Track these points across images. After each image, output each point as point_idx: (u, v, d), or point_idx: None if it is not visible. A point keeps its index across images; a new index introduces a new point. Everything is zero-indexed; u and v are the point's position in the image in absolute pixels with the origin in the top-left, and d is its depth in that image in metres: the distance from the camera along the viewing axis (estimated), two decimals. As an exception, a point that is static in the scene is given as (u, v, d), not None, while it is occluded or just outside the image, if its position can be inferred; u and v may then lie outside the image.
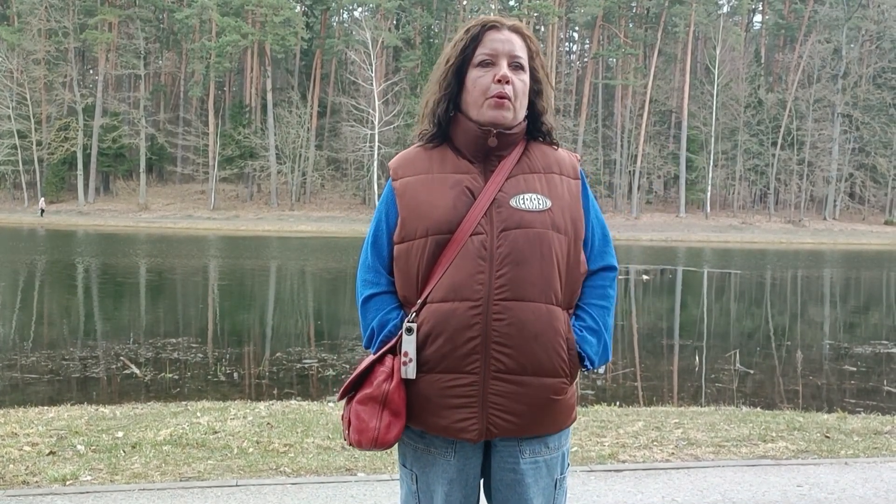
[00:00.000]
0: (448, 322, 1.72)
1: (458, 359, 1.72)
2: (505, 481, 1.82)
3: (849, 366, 9.68)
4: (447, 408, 1.74)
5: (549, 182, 1.83)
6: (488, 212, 1.76)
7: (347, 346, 10.14)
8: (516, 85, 1.79)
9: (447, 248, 1.75)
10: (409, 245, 1.79)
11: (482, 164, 1.81)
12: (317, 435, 4.79)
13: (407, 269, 1.80)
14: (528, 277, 1.73)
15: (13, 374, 8.05)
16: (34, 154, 59.01)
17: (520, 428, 1.76)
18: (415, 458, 1.85)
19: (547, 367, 1.75)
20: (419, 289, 1.78)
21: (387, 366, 1.77)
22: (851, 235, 54.98)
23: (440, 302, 1.74)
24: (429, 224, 1.77)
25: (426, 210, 1.78)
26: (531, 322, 1.73)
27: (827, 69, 62.34)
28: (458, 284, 1.73)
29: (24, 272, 19.55)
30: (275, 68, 65.77)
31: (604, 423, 5.27)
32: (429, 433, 1.80)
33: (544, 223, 1.76)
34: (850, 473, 4.18)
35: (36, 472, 3.89)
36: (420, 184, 1.81)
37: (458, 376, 1.73)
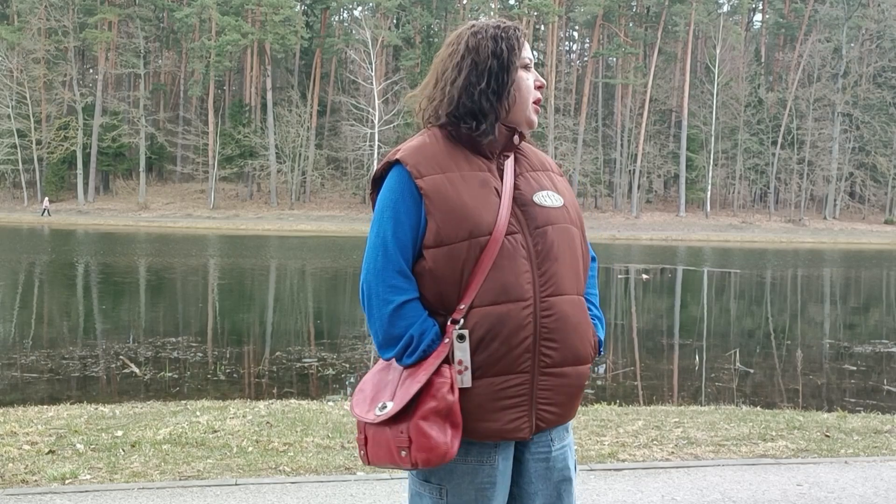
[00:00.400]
0: (503, 325, 1.71)
1: (511, 360, 1.72)
2: (536, 471, 1.84)
3: (849, 365, 9.69)
4: (498, 410, 1.73)
5: (551, 179, 1.90)
6: (513, 210, 1.78)
7: (347, 345, 10.14)
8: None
9: (487, 249, 1.72)
10: (448, 249, 1.72)
11: (494, 161, 1.83)
12: (316, 434, 4.79)
13: (446, 273, 1.73)
14: (563, 272, 1.79)
15: (13, 372, 8.05)
16: (34, 153, 59.01)
17: (560, 418, 1.82)
18: (446, 470, 1.77)
19: (583, 355, 1.82)
20: (460, 294, 1.73)
21: (446, 376, 1.68)
22: (851, 235, 54.98)
23: (490, 305, 1.71)
24: (471, 226, 1.72)
25: (464, 211, 1.72)
26: (571, 315, 1.79)
27: (827, 68, 62.33)
28: (508, 285, 1.72)
29: (24, 271, 19.55)
30: (275, 67, 65.76)
31: (603, 423, 5.26)
32: (476, 441, 1.75)
33: (565, 218, 1.84)
34: (850, 472, 4.18)
35: (35, 470, 3.89)
36: (450, 183, 1.75)
37: (509, 377, 1.73)
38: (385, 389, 1.75)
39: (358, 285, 1.87)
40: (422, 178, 1.74)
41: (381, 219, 1.77)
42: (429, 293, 1.75)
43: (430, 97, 1.85)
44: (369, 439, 1.74)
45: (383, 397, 1.73)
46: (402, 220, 1.74)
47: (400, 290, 1.74)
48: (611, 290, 18.79)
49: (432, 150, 1.79)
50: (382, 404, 1.72)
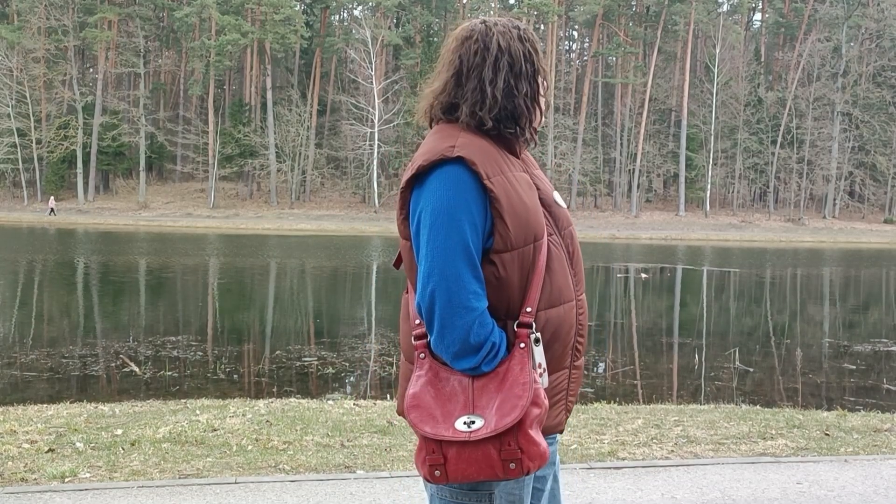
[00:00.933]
0: (562, 326, 1.77)
1: (562, 358, 1.80)
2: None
3: (848, 364, 9.69)
4: (550, 407, 1.78)
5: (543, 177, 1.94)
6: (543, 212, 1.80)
7: (347, 344, 10.14)
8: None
9: (540, 251, 1.73)
10: (518, 253, 1.69)
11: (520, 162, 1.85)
12: (316, 432, 4.79)
13: (515, 279, 1.70)
14: (582, 270, 1.88)
15: (13, 371, 8.05)
16: (34, 152, 58.97)
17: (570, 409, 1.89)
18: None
19: (586, 348, 1.90)
20: (524, 297, 1.71)
21: (538, 382, 1.66)
22: (851, 234, 54.97)
23: (549, 308, 1.74)
24: (535, 230, 1.71)
25: (527, 215, 1.70)
26: (586, 311, 1.88)
27: (827, 67, 62.31)
28: (563, 287, 1.78)
29: (24, 270, 19.55)
30: (275, 66, 65.72)
31: (603, 421, 5.27)
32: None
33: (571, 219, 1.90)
34: (849, 471, 4.18)
35: (35, 469, 3.89)
36: (512, 185, 1.71)
37: (559, 374, 1.80)
38: (454, 401, 1.66)
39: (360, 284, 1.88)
40: (489, 179, 1.67)
41: (452, 220, 1.64)
42: (495, 299, 1.70)
43: (454, 94, 1.75)
44: (452, 458, 1.61)
45: (458, 410, 1.64)
46: (478, 223, 1.66)
47: (481, 297, 1.66)
48: (610, 289, 18.79)
49: (484, 147, 1.71)
50: (469, 419, 1.62)
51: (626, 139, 63.30)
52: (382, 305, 14.43)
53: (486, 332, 1.65)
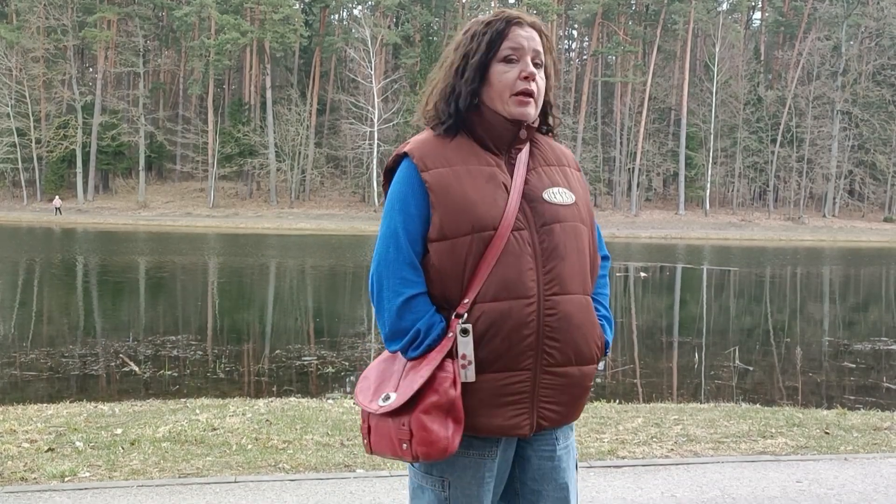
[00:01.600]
0: (505, 321, 1.71)
1: (513, 357, 1.72)
2: (543, 469, 1.84)
3: (848, 362, 9.69)
4: (501, 406, 1.73)
5: (565, 175, 1.87)
6: (522, 206, 1.76)
7: (346, 343, 10.14)
8: (539, 82, 1.80)
9: (491, 244, 1.72)
10: (451, 243, 1.72)
11: (504, 156, 1.82)
12: (315, 432, 4.79)
13: (449, 268, 1.73)
14: (569, 271, 1.77)
15: (12, 371, 8.04)
16: (33, 152, 59.01)
17: (564, 418, 1.81)
18: (449, 464, 1.77)
19: (587, 355, 1.80)
20: (465, 288, 1.73)
21: (448, 371, 1.69)
22: (851, 233, 54.99)
23: (492, 301, 1.71)
24: (473, 220, 1.71)
25: (467, 205, 1.72)
26: (574, 314, 1.77)
27: (826, 66, 62.32)
28: (511, 282, 1.71)
29: (24, 269, 19.55)
30: (274, 66, 65.72)
31: (603, 420, 5.27)
32: (478, 436, 1.76)
33: (574, 216, 1.81)
34: (849, 469, 4.18)
35: (34, 468, 3.89)
36: (455, 177, 1.75)
37: (511, 374, 1.73)
38: (389, 380, 1.76)
39: (360, 283, 1.89)
40: (427, 172, 1.75)
41: (392, 211, 1.77)
42: (434, 288, 1.75)
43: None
44: (372, 429, 1.75)
45: (387, 388, 1.74)
46: (412, 212, 1.74)
47: (410, 283, 1.74)
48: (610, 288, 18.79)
49: (437, 142, 1.80)
50: (386, 395, 1.72)
51: (625, 138, 63.31)
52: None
53: (414, 319, 1.72)
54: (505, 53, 1.78)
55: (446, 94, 1.81)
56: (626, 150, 63.21)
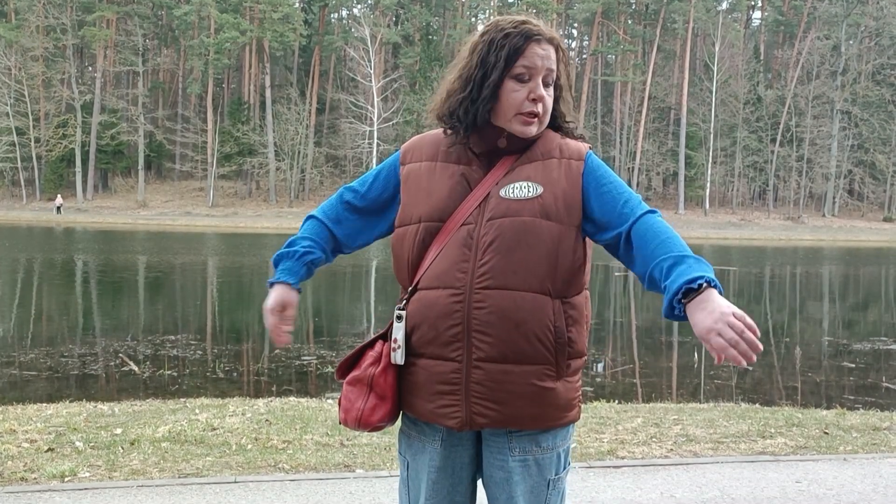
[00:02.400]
0: (431, 309, 1.75)
1: (440, 346, 1.75)
2: (494, 478, 1.81)
3: (847, 362, 9.70)
4: (432, 393, 1.77)
5: (546, 167, 1.79)
6: (481, 203, 1.77)
7: (346, 343, 10.14)
8: (546, 102, 1.79)
9: (438, 236, 1.78)
10: (404, 230, 1.83)
11: (486, 158, 1.82)
12: (315, 431, 4.79)
13: (400, 253, 1.85)
14: (511, 266, 1.71)
15: (12, 370, 8.04)
16: (32, 151, 59.00)
17: (504, 418, 1.73)
18: (408, 445, 1.89)
19: (530, 354, 1.72)
20: (411, 275, 1.82)
21: (376, 350, 1.83)
22: (850, 232, 55.03)
23: (426, 289, 1.77)
24: (423, 211, 1.80)
25: (422, 197, 1.82)
26: (512, 310, 1.70)
27: (826, 66, 62.35)
28: (443, 272, 1.75)
29: (24, 269, 19.54)
30: (273, 65, 65.71)
31: (602, 420, 5.27)
32: (419, 420, 1.84)
33: (532, 211, 1.73)
34: (848, 469, 4.19)
35: (34, 468, 3.89)
36: (423, 171, 1.85)
37: (441, 363, 1.75)
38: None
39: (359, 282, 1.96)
40: (405, 165, 1.90)
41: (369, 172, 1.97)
42: (395, 269, 1.89)
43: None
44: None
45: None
46: (379, 178, 1.93)
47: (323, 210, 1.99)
48: (609, 287, 18.80)
49: (429, 140, 1.91)
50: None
51: (625, 137, 63.34)
52: (381, 304, 14.43)
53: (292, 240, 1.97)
54: (518, 71, 1.75)
55: (463, 103, 1.79)
56: (626, 150, 63.23)
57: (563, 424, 1.80)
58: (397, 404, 1.83)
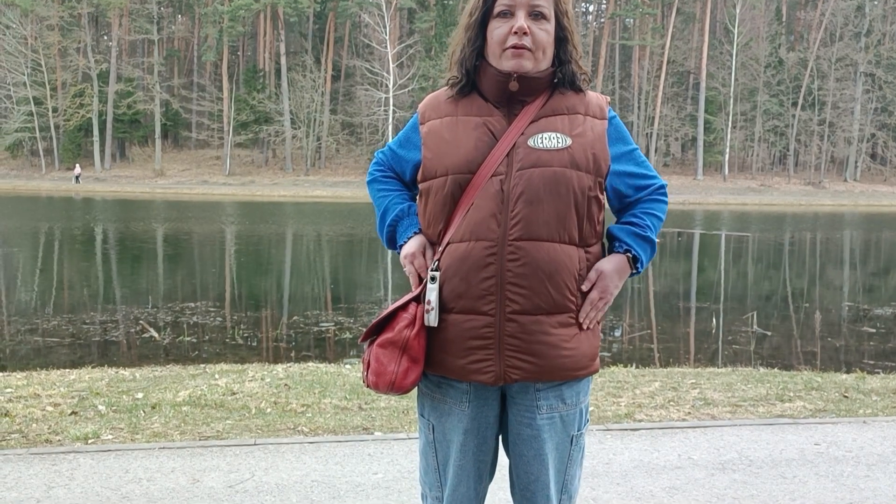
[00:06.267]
0: (464, 262, 1.74)
1: (473, 299, 1.74)
2: (522, 436, 1.83)
3: (868, 327, 9.62)
4: (465, 349, 1.76)
5: (572, 121, 1.81)
6: (509, 153, 1.76)
7: (364, 309, 10.19)
8: (537, 35, 1.76)
9: (468, 188, 1.76)
10: (429, 184, 1.82)
11: (506, 108, 1.82)
12: (334, 396, 4.83)
13: (429, 208, 1.83)
14: (541, 216, 1.73)
15: (35, 338, 8.16)
16: (50, 121, 59.24)
17: (538, 370, 1.75)
18: (432, 407, 1.88)
19: (559, 304, 1.75)
20: (442, 229, 1.80)
21: (409, 312, 1.79)
22: (872, 197, 54.32)
23: (459, 242, 1.76)
24: (449, 164, 1.79)
25: (448, 150, 1.80)
26: (545, 262, 1.72)
27: (850, 27, 61.04)
28: (475, 224, 1.74)
29: (45, 238, 19.75)
30: (288, 32, 65.29)
31: (620, 384, 5.27)
32: (447, 378, 1.82)
33: (562, 161, 1.75)
34: (868, 432, 4.17)
35: (58, 431, 3.95)
36: (444, 126, 1.84)
37: (474, 317, 1.74)
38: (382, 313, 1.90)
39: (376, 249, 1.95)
40: (424, 124, 1.89)
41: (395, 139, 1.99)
42: (423, 225, 1.88)
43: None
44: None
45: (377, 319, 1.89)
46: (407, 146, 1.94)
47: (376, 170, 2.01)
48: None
49: (445, 98, 1.90)
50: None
51: (643, 102, 62.58)
52: (398, 271, 14.46)
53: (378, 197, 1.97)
54: (499, 9, 1.78)
55: (457, 57, 1.85)
56: (644, 115, 62.51)
57: (588, 374, 1.85)
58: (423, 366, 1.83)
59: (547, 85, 1.83)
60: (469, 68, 1.83)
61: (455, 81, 1.86)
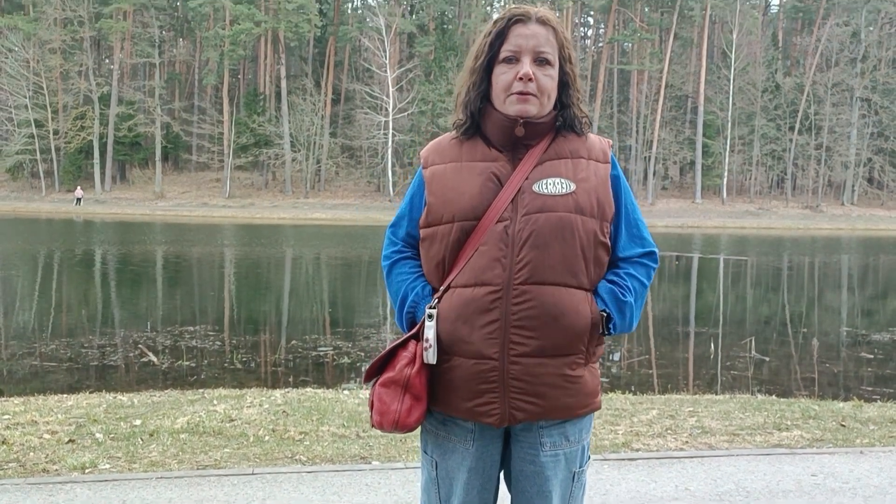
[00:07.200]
0: (467, 307, 1.75)
1: (477, 343, 1.75)
2: (525, 472, 1.85)
3: (865, 353, 9.63)
4: (471, 391, 1.78)
5: (576, 166, 1.83)
6: (514, 199, 1.78)
7: (362, 333, 10.19)
8: (541, 80, 1.79)
9: (473, 234, 1.78)
10: (434, 230, 1.83)
11: (511, 152, 1.83)
12: (332, 423, 4.83)
13: (433, 253, 1.84)
14: (548, 261, 1.74)
15: (33, 361, 8.15)
16: (51, 143, 59.45)
17: (542, 411, 1.78)
18: (435, 444, 1.89)
19: (565, 346, 1.77)
20: (444, 274, 1.82)
21: (409, 350, 1.80)
22: (870, 221, 54.44)
23: (462, 287, 1.77)
24: (455, 210, 1.80)
25: (453, 196, 1.81)
26: (551, 305, 1.74)
27: (845, 52, 61.53)
28: (480, 269, 1.75)
29: (44, 260, 19.75)
30: (288, 56, 65.75)
31: (618, 412, 5.27)
32: (451, 417, 1.84)
33: (567, 206, 1.77)
34: (865, 462, 4.17)
35: (56, 459, 3.95)
36: (449, 171, 1.85)
37: (478, 361, 1.76)
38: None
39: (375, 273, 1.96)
40: (427, 168, 1.90)
41: (405, 198, 1.97)
42: (425, 270, 1.88)
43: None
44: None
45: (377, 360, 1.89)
46: (406, 207, 1.94)
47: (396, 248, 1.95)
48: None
49: (448, 142, 1.92)
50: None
51: (641, 126, 62.88)
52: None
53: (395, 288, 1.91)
54: (504, 55, 1.80)
55: (462, 99, 1.86)
56: (643, 139, 62.77)
57: (591, 411, 1.86)
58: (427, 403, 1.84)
59: (550, 128, 1.86)
60: (474, 111, 1.85)
61: (460, 124, 1.87)
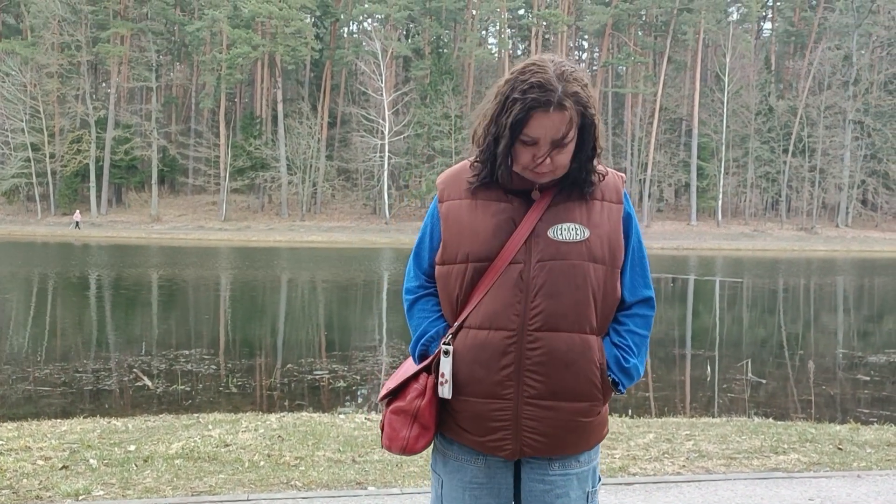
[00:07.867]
0: (484, 349, 1.78)
1: (492, 385, 1.79)
2: (535, 492, 1.87)
3: (862, 375, 9.62)
4: (482, 428, 1.82)
5: (590, 210, 1.83)
6: (528, 241, 1.79)
7: (358, 357, 10.16)
8: (556, 160, 1.77)
9: (486, 274, 1.80)
10: (449, 268, 1.85)
11: (525, 194, 1.84)
12: (327, 448, 4.80)
13: (447, 290, 1.87)
14: (561, 308, 1.77)
15: (26, 386, 8.11)
16: (47, 166, 59.50)
17: (552, 448, 1.82)
18: (444, 463, 1.93)
19: (578, 392, 1.80)
20: (457, 311, 1.84)
21: (420, 383, 1.86)
22: (864, 242, 54.62)
23: (477, 329, 1.80)
24: (469, 250, 1.81)
25: (467, 236, 1.82)
26: (563, 352, 1.77)
27: (838, 76, 62.11)
28: (495, 313, 1.78)
29: (38, 283, 19.70)
30: (285, 79, 66.11)
31: (614, 435, 5.26)
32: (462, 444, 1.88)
33: (581, 254, 1.78)
34: (862, 486, 4.16)
35: (49, 486, 3.92)
36: (464, 209, 1.85)
37: (492, 401, 1.79)
38: (394, 377, 1.95)
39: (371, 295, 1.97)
40: (444, 203, 1.90)
41: (422, 229, 1.98)
42: (441, 304, 1.91)
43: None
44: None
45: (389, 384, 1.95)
46: (426, 236, 1.94)
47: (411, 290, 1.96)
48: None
49: (463, 175, 1.90)
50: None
51: (636, 149, 63.23)
52: (393, 317, 14.44)
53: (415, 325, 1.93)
54: (523, 138, 1.75)
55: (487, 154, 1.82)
56: (638, 161, 63.11)
57: (600, 440, 1.91)
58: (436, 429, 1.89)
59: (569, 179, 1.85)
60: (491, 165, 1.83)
61: (477, 172, 1.86)
